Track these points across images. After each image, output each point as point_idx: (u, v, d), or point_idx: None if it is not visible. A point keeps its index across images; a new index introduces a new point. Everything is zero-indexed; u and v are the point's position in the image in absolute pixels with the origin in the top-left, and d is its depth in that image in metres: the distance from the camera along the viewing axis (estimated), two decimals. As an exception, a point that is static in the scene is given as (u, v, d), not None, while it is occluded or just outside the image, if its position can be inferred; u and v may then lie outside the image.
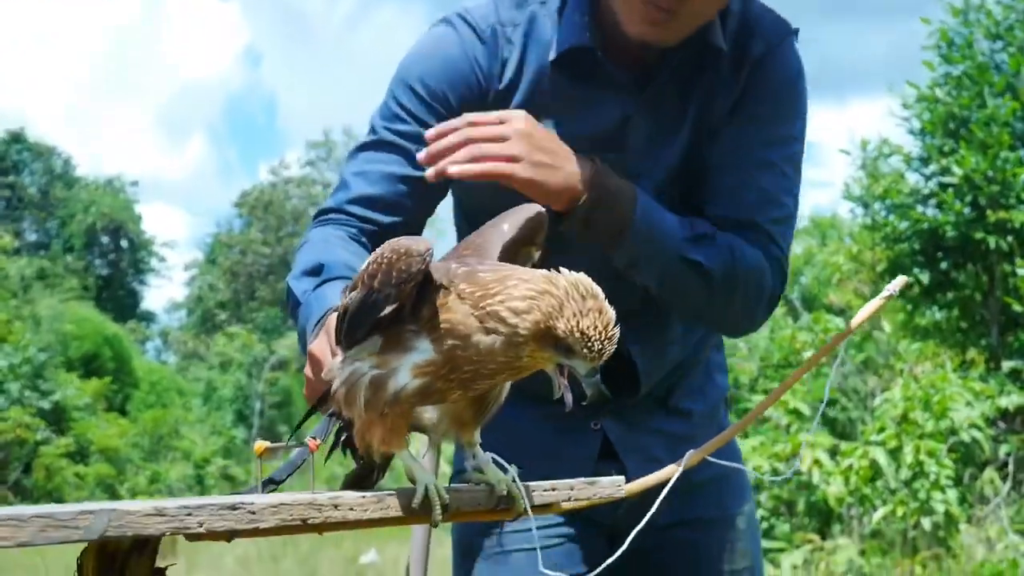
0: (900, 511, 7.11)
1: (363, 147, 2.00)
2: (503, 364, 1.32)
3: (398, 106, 1.97)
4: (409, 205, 1.94)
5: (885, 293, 1.81)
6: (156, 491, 23.80)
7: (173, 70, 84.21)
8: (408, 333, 1.34)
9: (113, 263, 46.52)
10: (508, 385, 1.48)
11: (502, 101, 1.94)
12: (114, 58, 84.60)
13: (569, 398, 1.40)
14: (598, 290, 1.30)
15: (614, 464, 2.03)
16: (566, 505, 1.63)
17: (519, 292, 1.29)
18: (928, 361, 9.11)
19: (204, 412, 31.52)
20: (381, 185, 1.93)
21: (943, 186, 8.43)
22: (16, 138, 45.04)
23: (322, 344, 1.59)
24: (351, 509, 1.22)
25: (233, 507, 1.11)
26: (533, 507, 1.52)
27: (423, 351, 1.33)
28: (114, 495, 22.68)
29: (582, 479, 1.65)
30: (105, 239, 45.93)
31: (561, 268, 1.33)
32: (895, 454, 7.26)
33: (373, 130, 1.99)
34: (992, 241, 8.08)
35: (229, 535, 1.16)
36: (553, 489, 1.58)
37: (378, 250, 1.35)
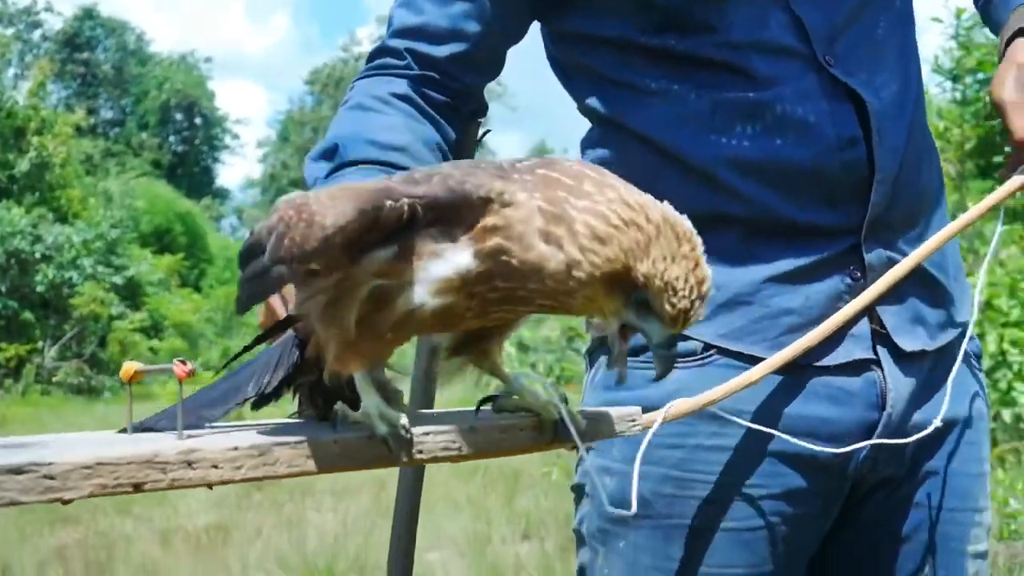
0: (980, 403, 6.77)
1: None
2: (547, 290, 0.96)
3: None
4: (470, 31, 1.54)
5: None
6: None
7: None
8: (437, 238, 0.96)
9: (188, 140, 46.69)
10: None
11: None
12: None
13: (625, 373, 1.02)
14: (698, 238, 0.94)
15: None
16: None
17: (606, 209, 0.93)
18: (1014, 245, 8.65)
19: (277, 289, 31.85)
20: (429, 11, 1.54)
21: (1042, 57, 7.80)
22: (89, 14, 44.92)
23: None
24: (214, 467, 0.84)
25: (18, 471, 0.76)
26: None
27: (455, 261, 0.95)
28: (187, 370, 23.13)
29: (597, 408, 1.30)
30: (179, 116, 46.02)
31: (665, 200, 0.96)
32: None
33: None
34: (1092, 117, 7.49)
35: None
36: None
37: (283, 203, 0.98)
